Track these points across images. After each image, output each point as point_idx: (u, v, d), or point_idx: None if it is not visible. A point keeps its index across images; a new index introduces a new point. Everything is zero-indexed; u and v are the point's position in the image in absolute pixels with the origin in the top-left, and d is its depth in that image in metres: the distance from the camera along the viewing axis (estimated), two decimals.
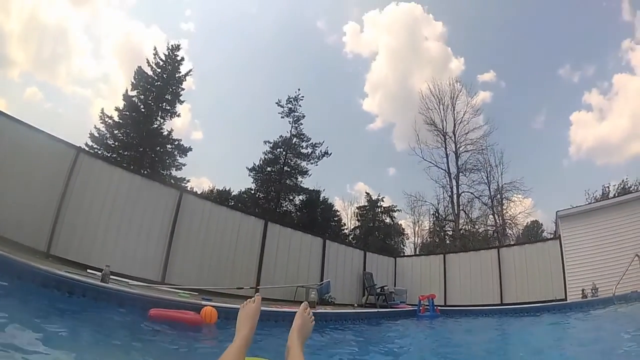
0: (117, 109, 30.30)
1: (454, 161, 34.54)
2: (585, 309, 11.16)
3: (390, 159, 50.57)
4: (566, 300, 13.38)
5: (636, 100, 37.21)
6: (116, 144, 29.47)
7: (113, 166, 11.07)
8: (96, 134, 29.19)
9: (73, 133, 33.05)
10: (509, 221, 32.79)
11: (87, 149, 26.89)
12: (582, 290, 12.87)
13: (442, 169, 34.55)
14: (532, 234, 39.36)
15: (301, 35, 47.26)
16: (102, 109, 30.11)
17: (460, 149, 34.71)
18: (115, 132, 29.69)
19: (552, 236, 21.02)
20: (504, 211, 33.24)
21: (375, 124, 47.38)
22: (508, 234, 32.97)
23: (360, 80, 48.84)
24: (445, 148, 34.99)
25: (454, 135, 35.04)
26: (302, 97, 37.51)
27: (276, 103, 37.48)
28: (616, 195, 28.75)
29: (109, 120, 29.68)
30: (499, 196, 33.58)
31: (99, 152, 28.01)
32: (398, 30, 43.81)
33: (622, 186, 32.21)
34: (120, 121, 29.99)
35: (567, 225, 14.46)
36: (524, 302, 14.22)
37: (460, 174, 34.12)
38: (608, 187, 32.80)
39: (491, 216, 34.22)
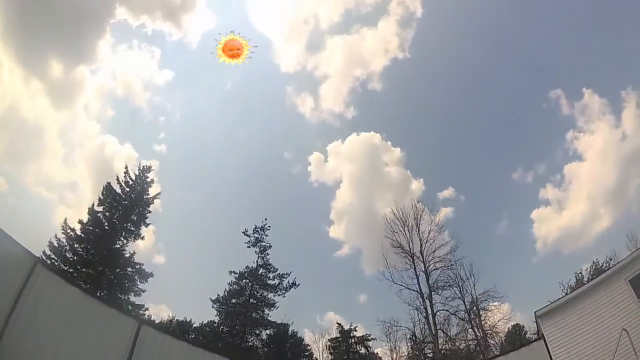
0: (80, 222, 29.20)
1: (425, 281, 33.65)
2: None
3: (360, 285, 50.17)
4: None
5: (589, 183, 41.72)
6: (75, 258, 27.90)
7: (70, 285, 10.02)
8: (56, 244, 27.69)
9: (32, 234, 31.82)
10: (490, 331, 31.68)
11: (44, 257, 25.67)
12: None
13: (413, 290, 33.42)
14: (516, 338, 38.06)
15: (269, 164, 49.81)
16: (65, 220, 29.04)
17: (430, 268, 34.09)
18: (76, 245, 28.28)
19: (536, 336, 20.14)
20: (483, 322, 32.22)
21: (342, 250, 47.54)
22: (491, 345, 31.68)
23: (326, 208, 50.18)
24: (415, 269, 34.23)
25: (422, 255, 34.61)
26: (269, 227, 37.45)
27: (243, 232, 37.12)
28: (590, 278, 28.80)
29: (71, 233, 28.45)
30: (475, 308, 32.79)
31: (56, 263, 26.48)
32: (360, 158, 46.70)
33: (594, 267, 32.73)
34: (82, 235, 28.72)
35: (548, 322, 14.22)
36: None
37: (433, 292, 33.04)
38: (581, 273, 33.38)
39: (470, 330, 32.88)
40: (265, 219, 37.26)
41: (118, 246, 30.14)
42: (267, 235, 36.73)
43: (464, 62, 48.07)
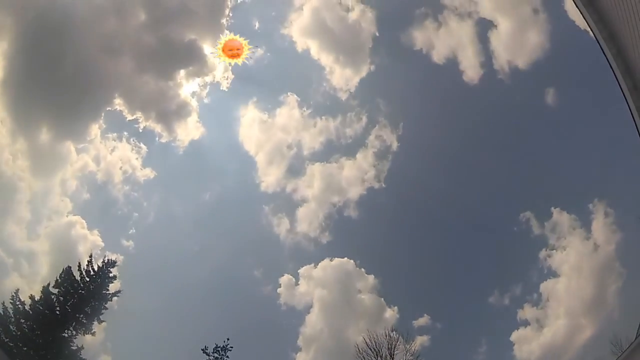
0: (31, 297, 27.94)
1: None
2: None
3: None
4: None
5: (567, 297, 41.38)
6: (18, 333, 26.20)
7: None
8: (1, 312, 26.21)
9: None
10: None
11: None
12: None
13: None
14: None
15: (238, 281, 48.77)
16: (17, 290, 27.87)
17: None
18: (22, 321, 26.82)
19: None
20: None
21: None
22: None
23: (294, 333, 47.59)
24: None
25: None
26: (231, 347, 34.85)
27: (202, 350, 34.08)
28: None
29: (20, 305, 26.86)
30: None
31: None
32: (332, 284, 46.51)
33: None
34: (30, 312, 27.29)
35: None
36: None
37: None
38: None
39: None
40: (228, 339, 34.83)
41: (66, 335, 27.79)
42: (227, 357, 33.76)
43: (435, 192, 53.51)
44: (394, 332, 38.02)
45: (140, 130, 50.65)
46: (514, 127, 55.31)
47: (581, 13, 11.87)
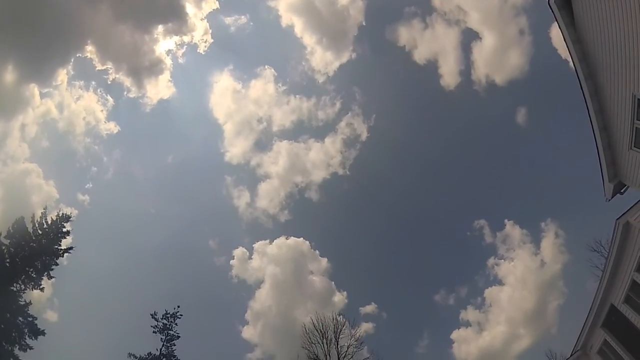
0: None
1: None
2: None
3: None
4: None
5: (509, 306, 46.81)
6: None
7: None
8: None
9: None
10: None
11: None
12: None
13: None
14: None
15: (192, 249, 50.02)
16: None
17: None
18: None
19: None
20: None
21: (254, 354, 46.23)
22: None
23: (243, 306, 49.58)
24: None
25: None
26: (181, 315, 35.70)
27: (151, 315, 34.85)
28: None
29: None
30: None
31: None
32: (285, 262, 48.23)
33: None
34: None
35: None
36: None
37: None
38: None
39: None
40: (178, 307, 35.59)
41: (15, 289, 27.42)
42: (176, 324, 34.75)
43: (397, 186, 56.71)
44: (341, 317, 39.81)
45: (109, 82, 49.67)
46: (483, 137, 58.37)
47: (568, 48, 12.96)
